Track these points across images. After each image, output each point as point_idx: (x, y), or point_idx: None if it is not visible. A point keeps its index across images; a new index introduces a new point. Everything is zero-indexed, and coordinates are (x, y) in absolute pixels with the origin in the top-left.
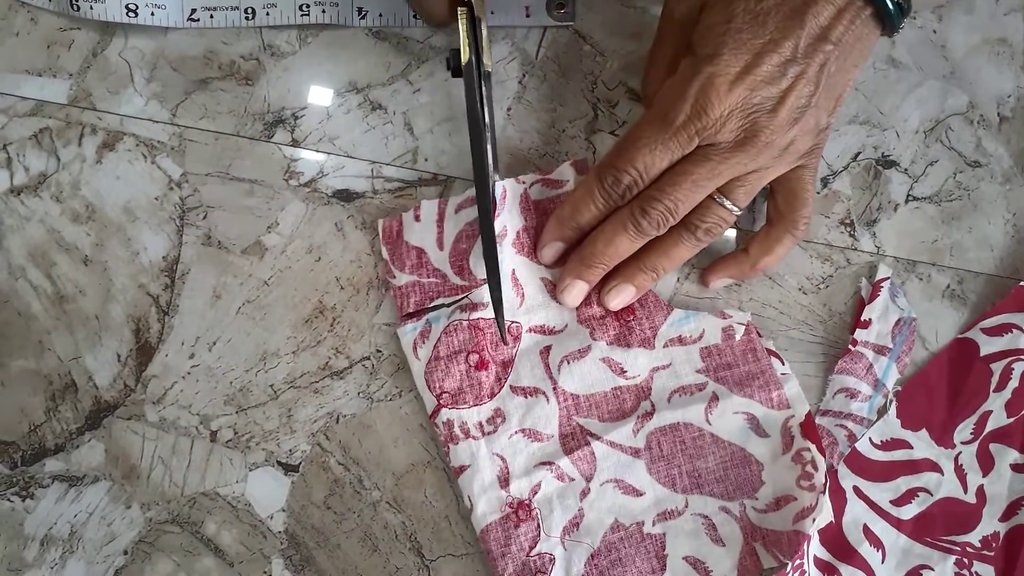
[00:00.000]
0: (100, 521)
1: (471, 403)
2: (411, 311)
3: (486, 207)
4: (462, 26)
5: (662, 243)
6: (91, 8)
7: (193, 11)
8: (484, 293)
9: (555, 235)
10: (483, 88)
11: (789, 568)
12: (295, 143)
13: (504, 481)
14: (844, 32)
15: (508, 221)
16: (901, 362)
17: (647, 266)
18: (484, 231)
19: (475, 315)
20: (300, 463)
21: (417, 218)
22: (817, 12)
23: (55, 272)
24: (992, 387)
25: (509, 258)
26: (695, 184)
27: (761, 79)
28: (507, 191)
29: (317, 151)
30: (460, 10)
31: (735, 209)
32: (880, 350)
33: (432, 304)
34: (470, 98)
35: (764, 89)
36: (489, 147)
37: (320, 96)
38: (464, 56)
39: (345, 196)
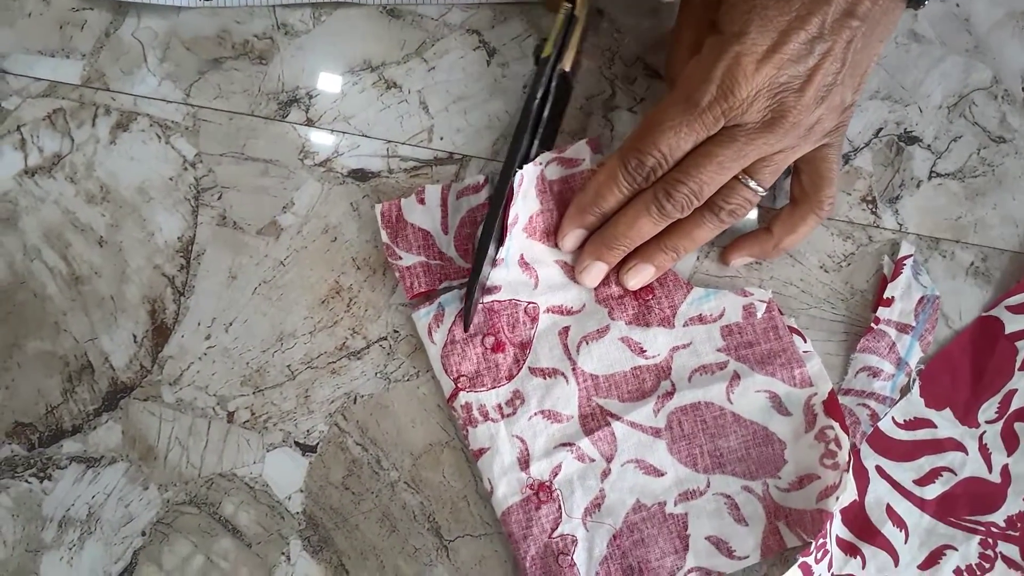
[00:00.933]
0: (118, 502)
1: (489, 385)
2: (422, 290)
3: (500, 198)
4: (558, 22)
5: (684, 224)
6: None
7: None
8: (497, 275)
9: (577, 223)
10: (551, 86)
11: (812, 547)
12: (310, 122)
13: (524, 463)
14: (871, 7)
15: (521, 207)
16: (924, 340)
17: (667, 246)
18: (490, 219)
19: (489, 298)
20: (318, 443)
21: (421, 201)
22: None
23: (70, 253)
24: (1017, 365)
25: (519, 242)
26: (720, 166)
27: (788, 57)
28: (524, 178)
29: (332, 130)
30: (563, 5)
31: (760, 190)
32: (903, 328)
33: (441, 286)
34: (531, 91)
35: (791, 68)
36: (537, 142)
37: (334, 75)
38: (547, 50)
39: (360, 175)
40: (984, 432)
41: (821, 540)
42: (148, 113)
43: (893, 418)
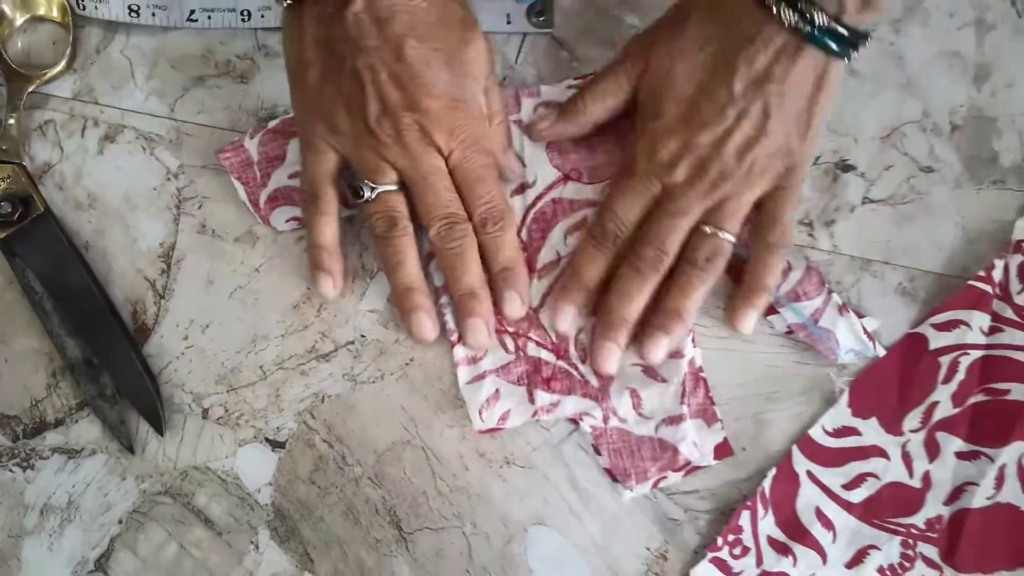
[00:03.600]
0: (97, 491)
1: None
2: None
3: None
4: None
5: (673, 283)
6: (96, 8)
7: (192, 12)
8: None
9: (567, 300)
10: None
11: (720, 541)
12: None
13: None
14: (786, 70)
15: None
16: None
17: (669, 309)
18: None
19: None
20: (287, 440)
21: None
22: (750, 58)
23: None
24: (940, 379)
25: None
26: (671, 220)
27: (699, 124)
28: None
29: None
30: None
31: (727, 236)
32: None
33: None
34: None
35: (704, 132)
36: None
37: None
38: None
39: None
40: (908, 441)
41: (732, 537)
42: (134, 126)
43: (823, 426)
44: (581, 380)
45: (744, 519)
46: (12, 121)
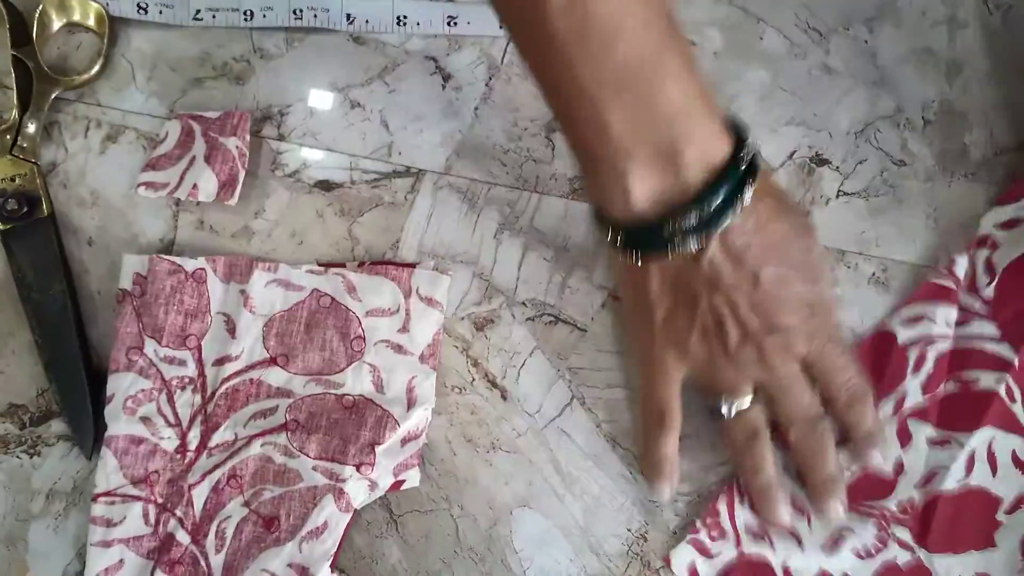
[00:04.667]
0: None
1: None
2: None
3: None
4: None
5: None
6: (107, 5)
7: (197, 11)
8: None
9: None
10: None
11: (698, 524)
12: (281, 137)
13: None
14: (732, 272)
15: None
16: None
17: None
18: None
19: None
20: None
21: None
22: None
23: (62, 252)
24: (909, 370)
25: None
26: None
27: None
28: None
29: (301, 145)
30: None
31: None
32: None
33: None
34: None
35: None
36: None
37: (304, 95)
38: None
39: (325, 186)
40: None
41: (710, 520)
42: (135, 127)
43: None
44: (206, 571)
45: (721, 503)
46: (34, 122)
